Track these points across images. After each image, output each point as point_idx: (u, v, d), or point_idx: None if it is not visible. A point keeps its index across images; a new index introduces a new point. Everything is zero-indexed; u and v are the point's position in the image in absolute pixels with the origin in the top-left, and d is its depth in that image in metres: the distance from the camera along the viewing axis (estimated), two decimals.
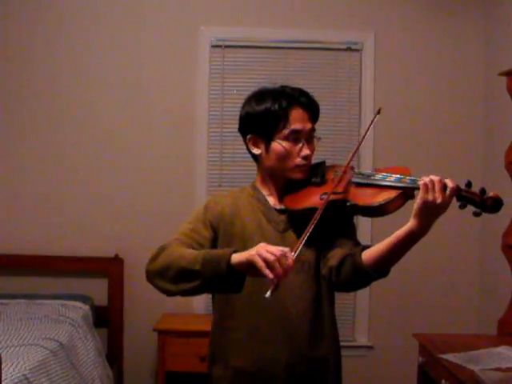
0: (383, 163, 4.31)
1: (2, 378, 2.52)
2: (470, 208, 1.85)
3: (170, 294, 1.99)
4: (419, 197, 1.81)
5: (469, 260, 4.39)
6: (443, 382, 2.93)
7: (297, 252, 1.80)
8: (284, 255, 1.74)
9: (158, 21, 4.37)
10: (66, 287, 4.29)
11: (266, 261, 1.73)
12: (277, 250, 1.75)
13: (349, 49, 4.38)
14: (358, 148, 2.14)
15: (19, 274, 4.33)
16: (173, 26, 4.37)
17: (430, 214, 1.80)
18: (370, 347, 4.42)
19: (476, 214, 1.83)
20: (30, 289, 4.26)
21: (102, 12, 4.36)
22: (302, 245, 1.84)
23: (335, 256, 1.99)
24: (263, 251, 1.75)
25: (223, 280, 1.83)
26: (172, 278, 1.93)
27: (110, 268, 4.29)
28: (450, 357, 2.95)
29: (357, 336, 4.43)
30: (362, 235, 4.17)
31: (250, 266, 1.77)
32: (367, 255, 1.91)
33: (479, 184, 1.90)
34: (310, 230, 1.87)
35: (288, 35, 4.36)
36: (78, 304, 4.05)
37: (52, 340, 3.36)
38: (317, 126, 2.15)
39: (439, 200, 1.78)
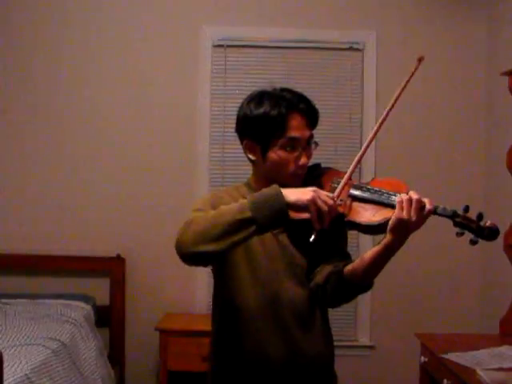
0: (385, 163, 4.32)
1: (4, 378, 2.52)
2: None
3: (213, 254, 1.86)
4: (394, 213, 1.82)
5: (471, 260, 4.38)
6: (445, 381, 2.93)
7: (340, 196, 1.92)
8: (335, 205, 1.85)
9: (160, 20, 4.37)
10: (67, 287, 4.29)
11: (319, 211, 1.81)
12: (329, 199, 1.84)
13: (350, 48, 4.37)
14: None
15: (21, 274, 4.33)
16: (175, 25, 4.37)
17: (404, 231, 1.82)
18: (371, 347, 4.42)
19: (472, 243, 1.81)
20: (31, 288, 4.26)
21: (104, 12, 4.36)
22: (342, 189, 1.94)
23: (322, 273, 2.03)
24: (318, 200, 1.81)
25: (280, 218, 1.82)
26: (217, 235, 1.83)
27: (111, 268, 4.29)
28: (451, 356, 2.95)
29: (359, 336, 4.42)
30: (363, 241, 4.16)
31: (299, 208, 1.83)
32: (349, 271, 1.95)
33: (482, 184, 1.90)
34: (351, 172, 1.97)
35: (290, 35, 4.36)
36: (80, 304, 4.05)
37: (54, 340, 3.36)
38: (317, 126, 2.11)
39: (414, 219, 1.80)
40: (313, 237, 1.83)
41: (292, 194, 1.83)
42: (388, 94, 2.01)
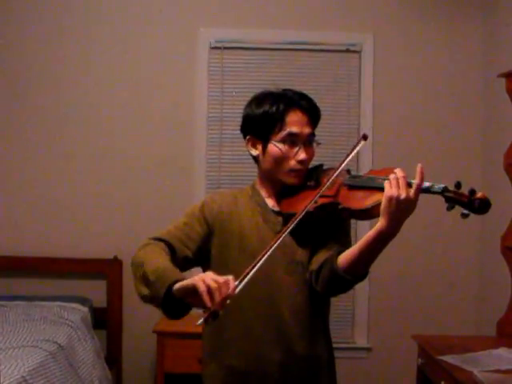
0: (382, 164, 4.31)
1: (1, 380, 2.52)
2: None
3: (142, 298, 1.95)
4: (384, 193, 1.80)
5: (468, 262, 4.39)
6: (442, 383, 2.93)
7: (244, 281, 1.76)
8: (227, 284, 1.70)
9: (157, 22, 4.37)
10: (64, 289, 4.28)
11: (208, 287, 1.69)
12: (221, 278, 1.71)
13: (348, 50, 4.38)
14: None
15: (18, 276, 4.32)
16: (172, 27, 4.37)
17: (395, 211, 1.78)
18: (369, 349, 4.42)
19: (464, 216, 1.80)
20: (28, 291, 4.25)
21: (101, 14, 4.36)
22: (253, 272, 1.79)
23: (317, 260, 2.00)
24: (208, 278, 1.71)
25: (159, 302, 1.83)
26: (141, 278, 1.94)
27: (108, 270, 4.29)
28: (449, 358, 2.95)
29: (356, 338, 4.42)
30: (360, 231, 4.17)
31: (191, 292, 1.74)
32: (341, 259, 1.90)
33: (479, 186, 1.87)
34: (278, 242, 1.87)
35: (287, 37, 4.36)
36: (77, 306, 4.04)
37: (51, 342, 3.36)
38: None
39: (403, 196, 1.77)
40: (201, 320, 1.71)
41: (183, 282, 1.78)
42: (385, 96, 2.01)
